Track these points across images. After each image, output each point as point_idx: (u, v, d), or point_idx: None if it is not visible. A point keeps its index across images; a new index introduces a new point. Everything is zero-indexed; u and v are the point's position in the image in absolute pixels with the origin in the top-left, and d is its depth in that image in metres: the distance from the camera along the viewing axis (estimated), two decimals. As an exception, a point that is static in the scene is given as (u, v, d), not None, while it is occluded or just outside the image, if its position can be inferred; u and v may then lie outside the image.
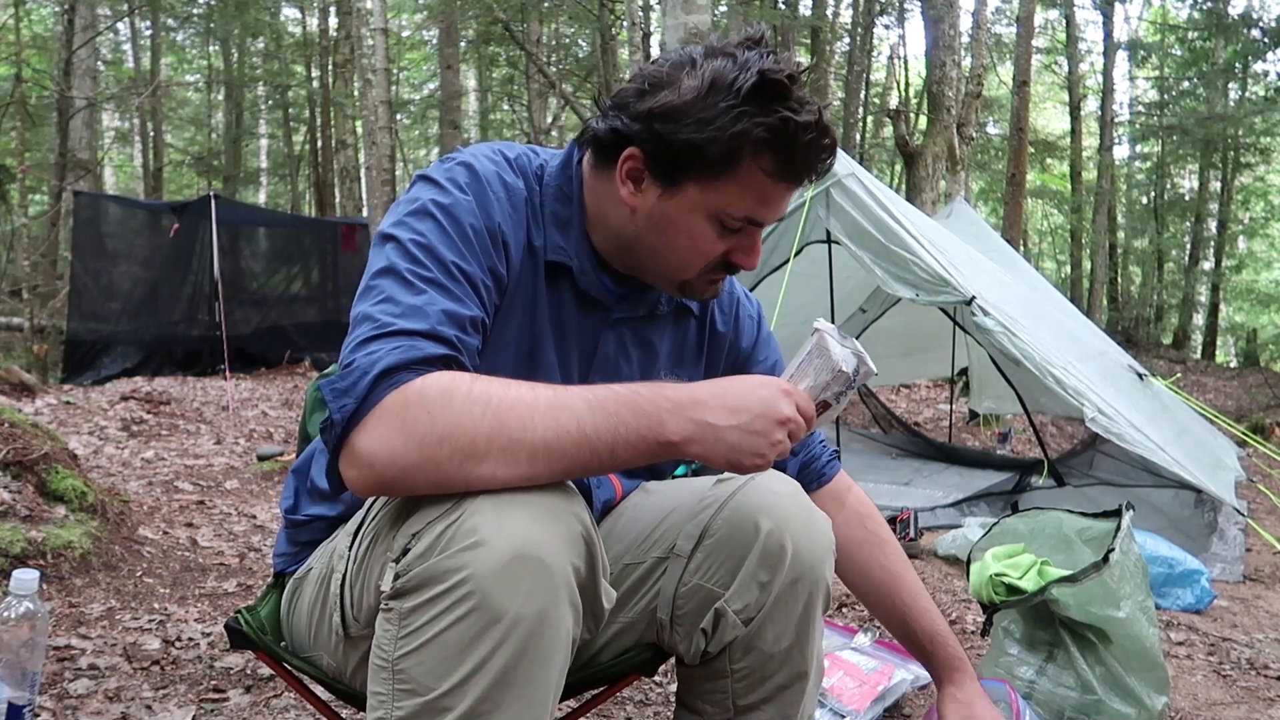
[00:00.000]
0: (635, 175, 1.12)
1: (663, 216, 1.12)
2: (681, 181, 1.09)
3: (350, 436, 0.95)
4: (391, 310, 1.01)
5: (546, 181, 1.18)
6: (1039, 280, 5.83)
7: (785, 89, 1.05)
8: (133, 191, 18.93)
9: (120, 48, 17.09)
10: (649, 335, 1.27)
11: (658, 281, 1.19)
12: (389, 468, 0.94)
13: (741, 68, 1.05)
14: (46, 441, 2.98)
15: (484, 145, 1.19)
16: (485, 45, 13.82)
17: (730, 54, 1.07)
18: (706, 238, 1.13)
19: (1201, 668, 2.32)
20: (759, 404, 0.98)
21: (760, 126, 1.05)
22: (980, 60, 9.38)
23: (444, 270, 1.05)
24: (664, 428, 0.97)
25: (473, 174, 1.12)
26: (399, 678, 0.93)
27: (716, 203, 1.10)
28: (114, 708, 1.86)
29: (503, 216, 1.12)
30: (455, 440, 0.93)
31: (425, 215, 1.08)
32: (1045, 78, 19.84)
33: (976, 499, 4.14)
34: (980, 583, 1.90)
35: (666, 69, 1.09)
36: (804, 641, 1.19)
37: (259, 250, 10.66)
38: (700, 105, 1.06)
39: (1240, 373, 13.26)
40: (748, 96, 1.05)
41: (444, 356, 0.99)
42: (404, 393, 0.94)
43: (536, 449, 0.94)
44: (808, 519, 1.17)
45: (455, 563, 0.89)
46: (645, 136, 1.08)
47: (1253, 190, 16.87)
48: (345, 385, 0.96)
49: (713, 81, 1.06)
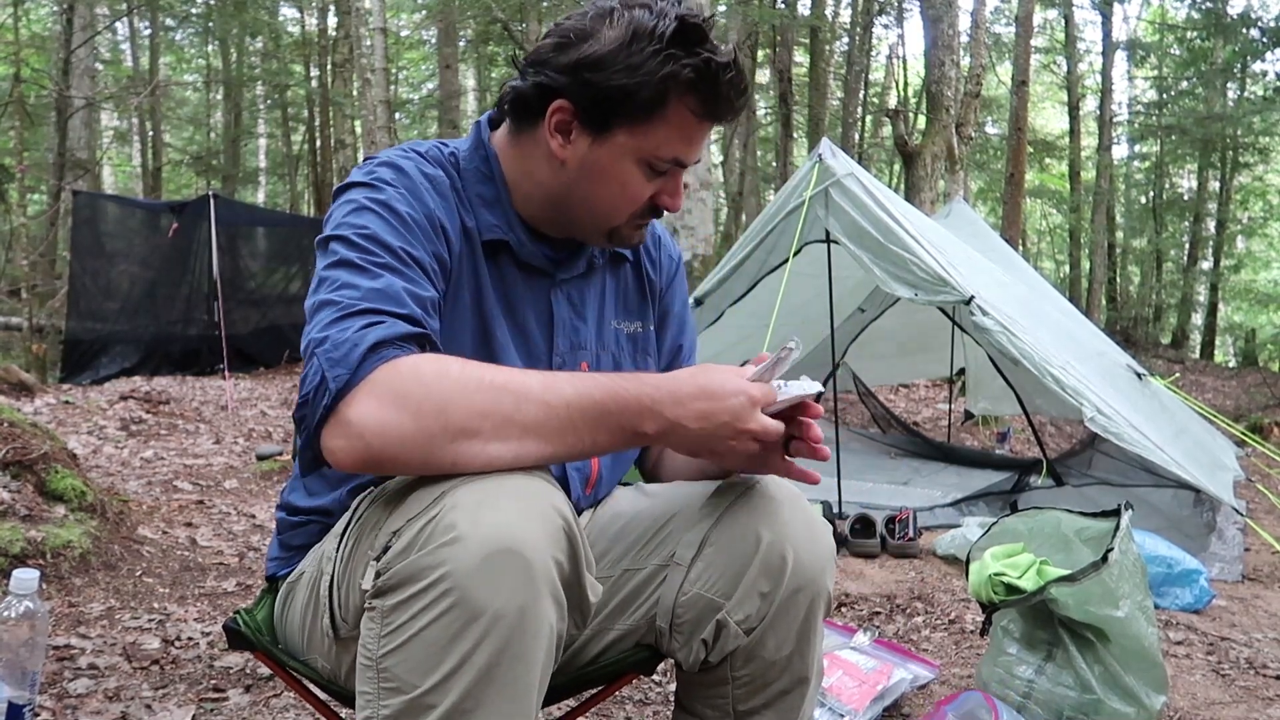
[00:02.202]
0: (564, 127, 1.15)
1: (594, 165, 1.16)
2: (611, 128, 1.13)
3: (339, 407, 0.95)
4: (353, 294, 1.01)
5: (463, 168, 1.21)
6: (1038, 280, 5.84)
7: (703, 32, 1.11)
8: (131, 191, 18.91)
9: (119, 47, 17.09)
10: (593, 290, 1.30)
11: (587, 233, 1.23)
12: (379, 438, 0.93)
13: (659, 15, 1.10)
14: (46, 441, 2.98)
15: (392, 150, 1.21)
16: (484, 45, 13.83)
17: (645, 4, 1.12)
18: (636, 182, 1.17)
19: (1200, 667, 2.32)
20: (728, 413, 1.02)
21: (687, 68, 1.10)
22: (979, 60, 9.39)
23: (394, 255, 1.07)
24: (642, 422, 1.01)
25: (397, 170, 1.15)
26: (383, 676, 0.93)
27: (645, 146, 1.14)
28: (114, 707, 1.86)
29: (435, 204, 1.15)
30: (450, 414, 0.94)
31: (363, 210, 1.10)
32: (1044, 77, 19.85)
33: (975, 499, 4.14)
34: (979, 582, 1.90)
35: (586, 22, 1.13)
36: (805, 648, 1.19)
37: (258, 250, 10.66)
38: (626, 52, 1.10)
39: (1239, 372, 13.27)
40: (671, 40, 1.09)
41: (419, 335, 1.01)
42: (396, 366, 0.95)
43: (527, 429, 0.96)
44: (808, 528, 1.18)
45: (434, 559, 0.89)
46: (574, 87, 1.12)
47: (1251, 190, 16.90)
48: (339, 355, 0.96)
49: (635, 30, 1.10)
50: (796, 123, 13.64)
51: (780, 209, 4.27)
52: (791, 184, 4.32)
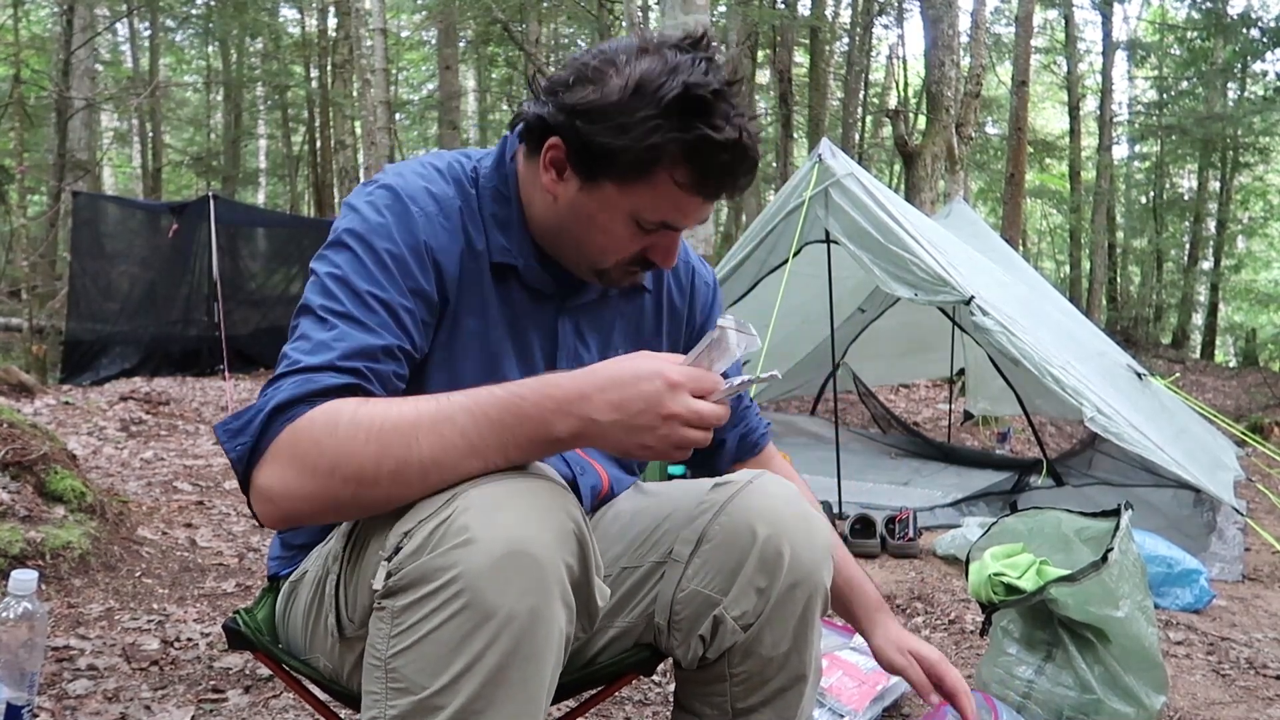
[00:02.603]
0: (558, 164, 1.11)
1: (582, 209, 1.12)
2: (599, 179, 1.09)
3: (252, 474, 0.97)
4: (302, 348, 1.03)
5: (482, 185, 1.18)
6: (1038, 280, 5.84)
7: (708, 105, 1.04)
8: (131, 192, 18.92)
9: (119, 48, 17.10)
10: (603, 318, 1.28)
11: (577, 269, 1.20)
12: (286, 500, 0.96)
13: (669, 73, 1.04)
14: (45, 442, 2.98)
15: (413, 161, 1.20)
16: (484, 45, 13.84)
17: (662, 55, 1.06)
18: (623, 235, 1.13)
19: (1200, 667, 2.32)
20: (641, 399, 0.95)
21: (675, 142, 1.05)
22: (979, 60, 9.39)
23: (357, 302, 1.06)
24: (550, 428, 0.96)
25: (393, 195, 1.13)
26: (392, 676, 0.93)
27: (632, 205, 1.10)
28: (113, 708, 1.86)
29: (429, 232, 1.12)
30: (344, 469, 0.94)
31: (341, 247, 1.10)
32: (1044, 77, 19.86)
33: (975, 499, 4.14)
34: (979, 582, 1.90)
35: (597, 62, 1.08)
36: (802, 645, 1.19)
37: (258, 251, 10.65)
38: (620, 109, 1.05)
39: (1239, 372, 13.27)
40: (668, 108, 1.04)
41: (343, 386, 0.99)
42: (294, 428, 0.96)
43: (426, 466, 0.94)
44: (805, 524, 1.17)
45: (446, 561, 0.90)
46: (567, 129, 1.08)
47: (1252, 190, 16.90)
48: (239, 425, 0.98)
49: (637, 85, 1.04)
50: (796, 123, 13.64)
51: (780, 209, 4.27)
52: (791, 184, 4.32)
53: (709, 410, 0.97)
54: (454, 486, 0.95)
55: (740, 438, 1.43)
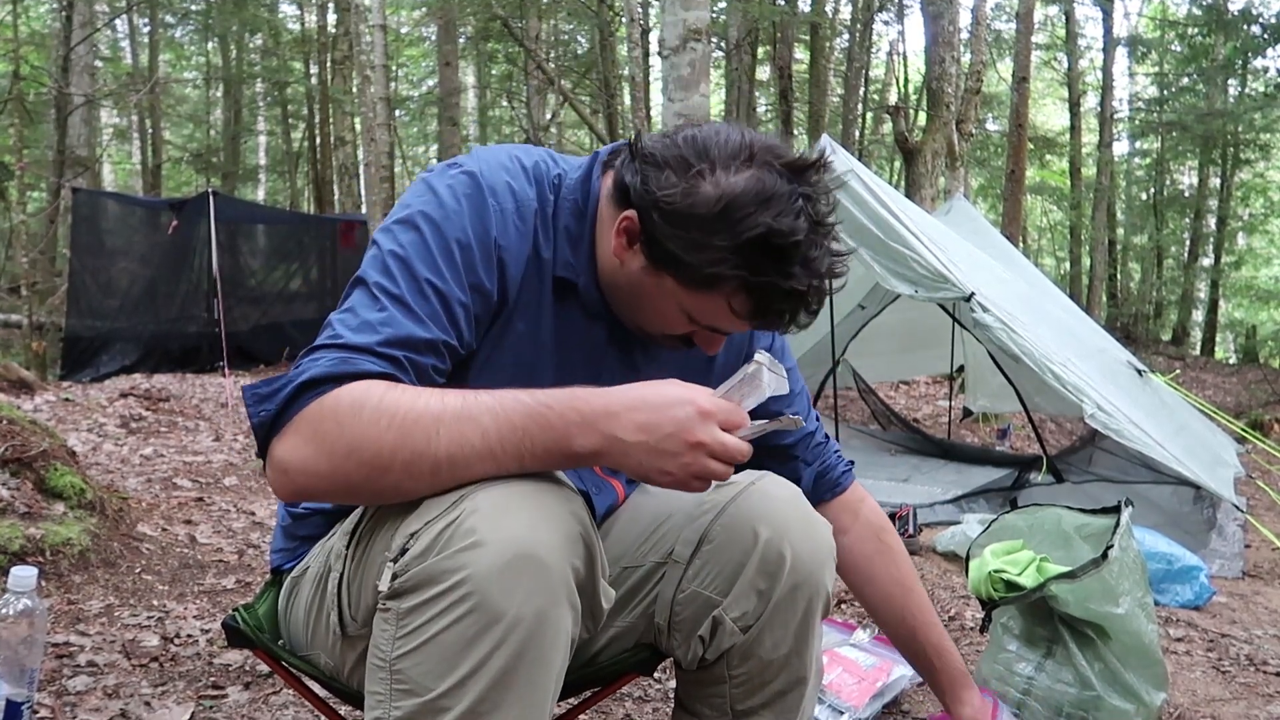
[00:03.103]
0: (629, 236, 1.10)
1: (640, 284, 1.11)
2: (662, 271, 1.08)
3: (271, 443, 0.97)
4: (349, 322, 1.02)
5: (564, 195, 1.16)
6: (1038, 277, 5.83)
7: (785, 254, 1.02)
8: (131, 188, 18.91)
9: (118, 44, 17.07)
10: (654, 347, 1.25)
11: (625, 321, 1.19)
12: (301, 475, 0.96)
13: (759, 205, 1.01)
14: (45, 438, 2.98)
15: (500, 150, 1.17)
16: (484, 42, 13.81)
17: (761, 176, 1.02)
18: (674, 320, 1.13)
19: (1200, 664, 2.32)
20: (671, 424, 0.94)
21: (740, 280, 1.03)
22: (980, 56, 9.37)
23: (414, 287, 1.04)
24: (571, 442, 0.95)
25: (475, 183, 1.10)
26: (397, 678, 0.93)
27: (686, 303, 1.09)
28: (113, 704, 1.86)
29: (501, 229, 1.10)
30: (361, 453, 0.93)
31: (411, 226, 1.08)
32: (1045, 74, 19.83)
33: (975, 495, 4.14)
34: (979, 579, 1.90)
35: (692, 154, 1.05)
36: (803, 648, 1.18)
37: (258, 247, 10.65)
38: (699, 224, 1.02)
39: (1239, 369, 13.26)
40: (744, 246, 1.01)
41: (379, 373, 0.98)
42: (321, 404, 0.95)
43: (440, 462, 0.94)
44: (807, 525, 1.17)
45: (454, 563, 0.89)
46: (645, 214, 1.06)
47: (1252, 186, 16.87)
48: (268, 391, 0.98)
49: (724, 208, 1.01)
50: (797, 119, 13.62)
51: (780, 206, 4.26)
52: (791, 181, 4.30)
53: (735, 445, 0.96)
54: (462, 488, 0.94)
55: (817, 475, 1.40)
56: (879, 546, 1.41)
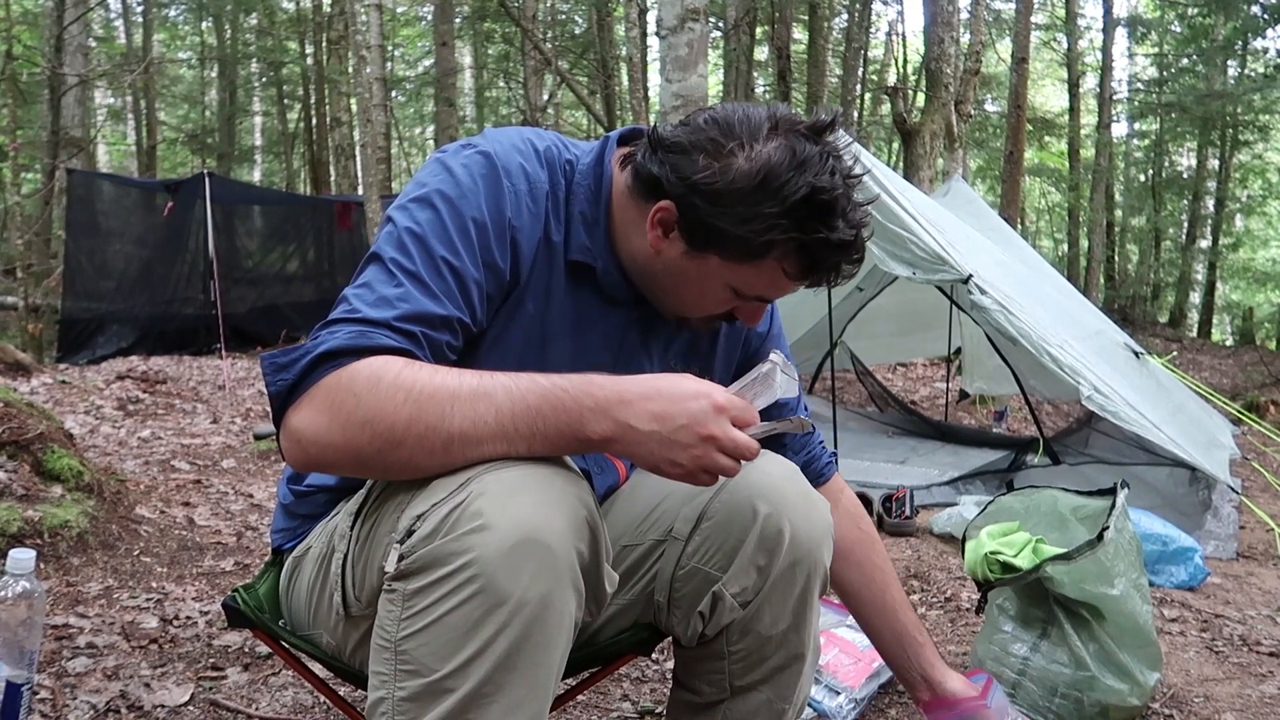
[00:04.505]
0: (665, 225, 1.12)
1: (681, 270, 1.14)
2: (706, 251, 1.11)
3: (287, 412, 0.98)
4: (365, 297, 1.03)
5: (576, 180, 1.17)
6: (1036, 258, 5.83)
7: (830, 208, 1.06)
8: (126, 169, 18.82)
9: (112, 24, 16.94)
10: (666, 330, 1.27)
11: (662, 309, 1.21)
12: (314, 446, 0.96)
13: (796, 169, 1.05)
14: (42, 421, 2.98)
15: (512, 131, 1.18)
16: (481, 22, 13.73)
17: (790, 143, 1.06)
18: (718, 299, 1.16)
19: (1194, 644, 2.34)
20: (685, 415, 0.95)
21: (794, 241, 1.07)
22: (979, 37, 9.33)
23: (430, 264, 1.05)
24: (584, 426, 0.96)
25: (490, 164, 1.11)
26: (401, 658, 0.93)
27: (734, 279, 1.13)
28: (112, 686, 1.87)
29: (515, 210, 1.11)
30: (376, 425, 0.94)
31: (426, 204, 1.08)
32: (1044, 54, 19.74)
33: (972, 477, 4.15)
34: (975, 560, 1.91)
35: (717, 133, 1.08)
36: (801, 624, 1.19)
37: (254, 229, 10.62)
38: (744, 199, 1.06)
39: (1236, 351, 13.27)
40: (792, 209, 1.05)
41: (395, 348, 0.99)
42: (338, 375, 0.96)
43: (452, 438, 0.94)
44: (805, 502, 1.18)
45: (460, 546, 0.90)
46: (684, 202, 1.09)
47: (1251, 168, 16.82)
48: (286, 360, 0.98)
49: (764, 177, 1.05)
50: (795, 100, 13.56)
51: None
52: (789, 162, 4.28)
53: (745, 442, 0.98)
54: (469, 469, 0.95)
55: (803, 465, 1.41)
56: (859, 535, 1.45)
